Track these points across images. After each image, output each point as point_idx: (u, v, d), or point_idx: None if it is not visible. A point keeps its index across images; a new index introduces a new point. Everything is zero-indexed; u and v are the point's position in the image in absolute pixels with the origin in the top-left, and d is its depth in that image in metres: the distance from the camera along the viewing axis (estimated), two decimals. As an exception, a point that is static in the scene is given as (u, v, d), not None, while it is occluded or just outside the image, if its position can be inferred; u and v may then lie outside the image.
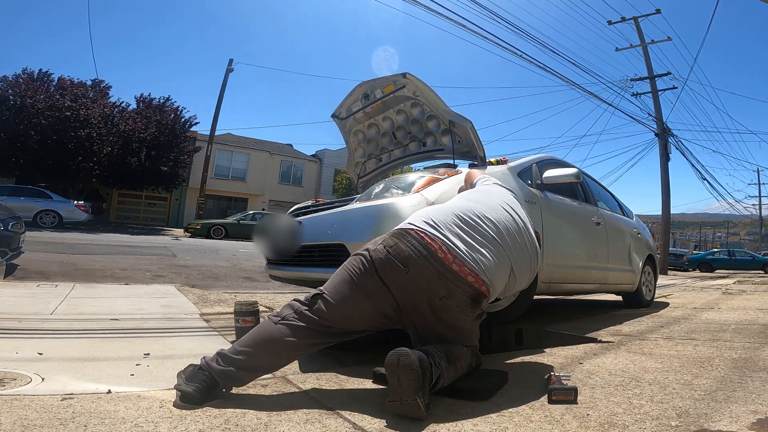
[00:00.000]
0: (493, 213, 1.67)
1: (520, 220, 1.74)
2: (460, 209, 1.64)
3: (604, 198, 4.12)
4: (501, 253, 1.59)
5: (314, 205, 2.79)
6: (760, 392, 1.54)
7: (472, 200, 1.73)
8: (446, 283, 1.45)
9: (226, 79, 18.72)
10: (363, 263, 1.49)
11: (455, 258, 1.47)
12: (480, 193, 1.85)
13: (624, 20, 15.83)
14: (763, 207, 39.97)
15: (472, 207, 1.66)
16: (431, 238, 1.49)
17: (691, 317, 3.67)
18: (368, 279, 1.47)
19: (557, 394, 1.41)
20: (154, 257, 7.15)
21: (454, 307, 1.47)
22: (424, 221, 1.57)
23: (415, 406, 1.21)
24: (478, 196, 1.79)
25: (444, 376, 1.36)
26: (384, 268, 1.46)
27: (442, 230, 1.53)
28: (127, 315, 2.80)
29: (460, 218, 1.59)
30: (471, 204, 1.69)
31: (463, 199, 1.76)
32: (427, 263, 1.45)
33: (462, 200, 1.76)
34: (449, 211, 1.63)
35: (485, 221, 1.61)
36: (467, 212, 1.62)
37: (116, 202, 22.48)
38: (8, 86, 15.62)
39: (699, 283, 9.52)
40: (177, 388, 1.34)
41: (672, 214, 16.78)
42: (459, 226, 1.57)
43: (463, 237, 1.54)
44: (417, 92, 2.98)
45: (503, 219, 1.67)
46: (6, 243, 4.31)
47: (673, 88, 15.94)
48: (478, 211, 1.64)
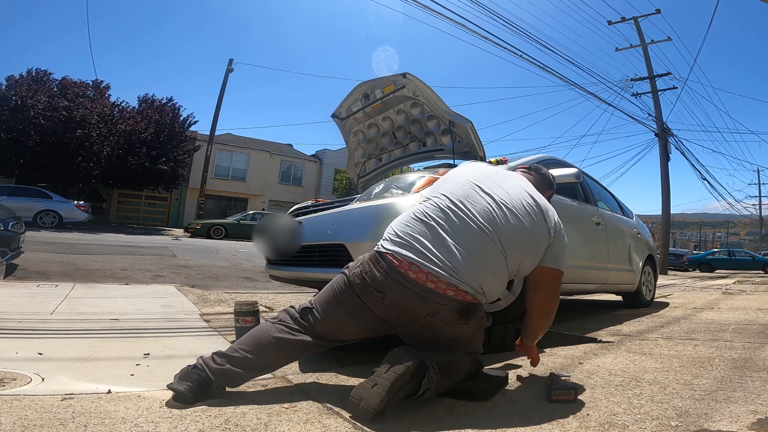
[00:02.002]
0: (464, 200, 1.50)
1: (504, 194, 1.53)
2: (423, 210, 1.50)
3: (604, 198, 4.12)
4: (484, 246, 1.43)
5: (314, 205, 2.79)
6: (760, 392, 1.54)
7: (435, 195, 1.55)
8: (426, 302, 1.38)
9: (226, 79, 18.75)
10: (345, 284, 1.46)
11: (428, 275, 1.37)
12: (445, 182, 1.63)
13: (624, 20, 15.83)
14: (763, 207, 40.03)
15: (438, 202, 1.51)
16: (399, 259, 1.40)
17: (691, 317, 3.67)
18: (351, 300, 1.44)
19: (557, 394, 1.41)
20: (154, 257, 7.15)
21: (441, 323, 1.41)
22: (391, 238, 1.47)
23: (366, 412, 1.21)
24: (443, 187, 1.58)
25: (432, 390, 1.29)
26: (362, 293, 1.43)
27: (408, 244, 1.43)
28: (127, 315, 2.80)
29: (425, 222, 1.47)
30: (435, 200, 1.52)
31: (426, 197, 1.59)
32: (401, 287, 1.38)
33: (425, 198, 1.59)
34: (412, 217, 1.50)
35: (457, 214, 1.46)
36: (431, 212, 1.49)
37: (116, 202, 22.47)
38: (10, 86, 15.62)
39: (699, 283, 9.52)
40: (170, 387, 1.33)
41: (672, 214, 16.78)
42: (426, 233, 1.44)
43: (432, 245, 1.41)
44: (417, 92, 2.98)
45: (478, 201, 1.50)
46: (6, 243, 4.31)
47: (673, 88, 15.97)
48: (445, 204, 1.49)
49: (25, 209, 11.22)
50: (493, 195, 1.52)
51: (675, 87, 16.10)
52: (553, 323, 3.11)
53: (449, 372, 1.38)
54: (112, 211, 22.25)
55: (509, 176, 1.66)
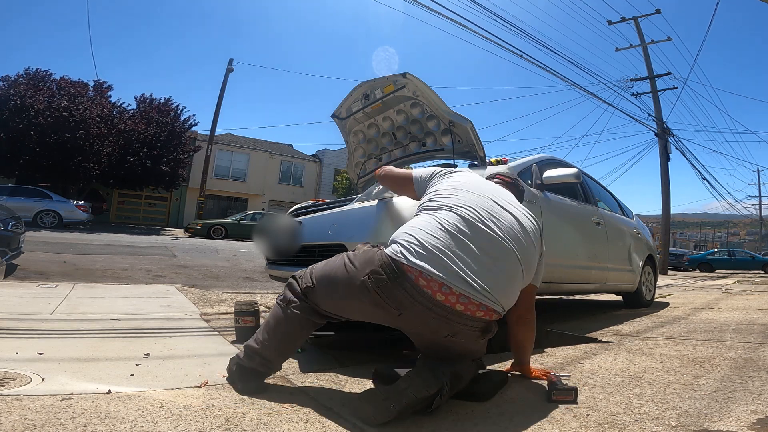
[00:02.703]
0: (492, 215, 1.43)
1: (519, 214, 1.52)
2: (450, 221, 1.38)
3: (604, 198, 4.12)
4: (511, 262, 1.39)
5: (314, 205, 2.79)
6: (760, 392, 1.54)
7: (454, 205, 1.43)
8: (450, 324, 1.30)
9: (226, 79, 18.73)
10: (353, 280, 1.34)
11: (459, 297, 1.27)
12: (463, 190, 1.51)
13: (624, 20, 15.83)
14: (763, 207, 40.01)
15: (464, 214, 1.40)
16: (426, 279, 1.27)
17: (691, 317, 3.67)
18: (357, 297, 1.34)
19: (557, 394, 1.41)
20: (154, 257, 7.15)
21: (461, 342, 1.35)
22: (416, 249, 1.31)
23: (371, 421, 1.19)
24: (465, 197, 1.47)
25: (440, 400, 1.25)
26: (374, 303, 1.32)
27: (437, 259, 1.29)
28: (127, 315, 2.80)
29: (453, 234, 1.34)
30: (461, 211, 1.41)
31: (444, 206, 1.45)
32: (424, 309, 1.28)
33: (443, 206, 1.45)
34: (439, 227, 1.36)
35: (486, 229, 1.38)
36: (459, 224, 1.37)
37: (116, 202, 22.47)
38: (9, 86, 15.62)
39: (699, 283, 9.52)
40: (243, 391, 1.43)
41: (672, 214, 16.78)
42: (455, 247, 1.32)
43: (464, 262, 1.30)
44: (417, 92, 2.98)
45: (504, 217, 1.45)
46: (6, 243, 4.31)
47: (673, 88, 15.97)
48: (473, 217, 1.39)
49: (25, 209, 11.22)
50: (514, 213, 1.50)
51: (675, 87, 16.13)
52: (553, 323, 3.13)
53: (458, 382, 1.34)
54: (112, 211, 22.25)
55: (507, 192, 1.66)
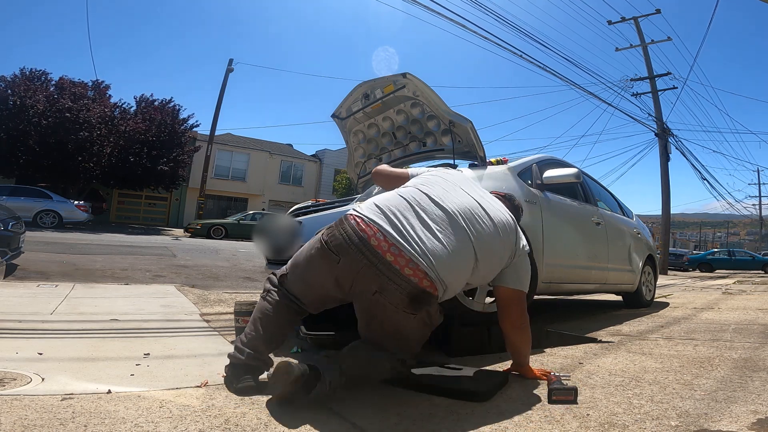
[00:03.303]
0: (450, 194, 1.51)
1: (487, 204, 1.56)
2: (411, 194, 1.48)
3: (604, 198, 4.12)
4: (461, 239, 1.41)
5: (314, 205, 2.79)
6: (760, 392, 1.54)
7: (423, 184, 1.56)
8: (378, 276, 1.31)
9: (226, 79, 18.72)
10: (317, 242, 1.46)
11: (390, 246, 1.32)
12: (432, 176, 1.64)
13: (624, 20, 15.83)
14: (763, 207, 40.02)
15: (427, 191, 1.50)
16: (366, 224, 1.36)
17: (691, 317, 3.67)
18: (316, 260, 1.45)
19: (557, 394, 1.41)
20: (154, 257, 7.15)
21: (388, 305, 1.33)
22: (368, 207, 1.45)
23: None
24: (431, 179, 1.60)
25: (325, 393, 1.29)
26: (323, 256, 1.41)
27: (382, 213, 1.40)
28: (127, 315, 2.80)
29: (409, 202, 1.45)
30: (423, 187, 1.52)
31: (413, 184, 1.58)
32: (357, 252, 1.33)
33: (411, 185, 1.57)
34: (398, 194, 1.49)
35: (441, 203, 1.46)
36: (418, 197, 1.47)
37: (116, 202, 22.46)
38: (7, 86, 15.61)
39: (699, 283, 9.52)
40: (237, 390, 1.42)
41: (672, 214, 16.78)
42: (408, 210, 1.41)
43: (408, 221, 1.38)
44: (417, 92, 2.98)
45: (464, 201, 1.50)
46: (6, 243, 4.31)
47: (673, 88, 15.95)
48: (432, 192, 1.49)
49: (25, 209, 11.21)
50: (479, 201, 1.54)
51: (675, 87, 16.10)
52: (553, 323, 3.13)
53: (362, 367, 1.38)
54: (112, 211, 22.25)
55: (491, 196, 1.70)
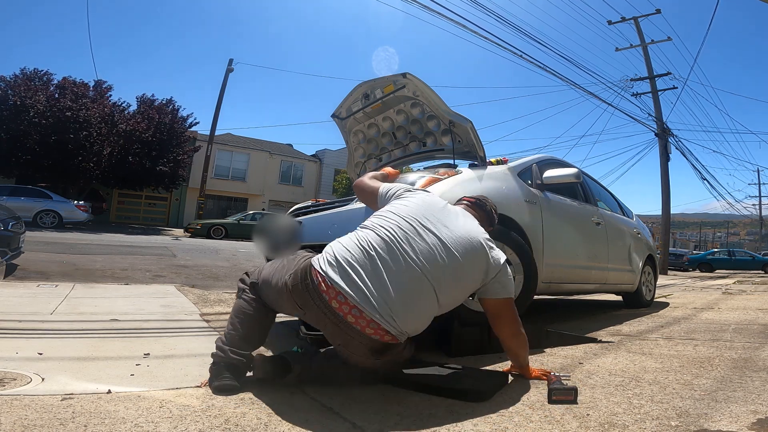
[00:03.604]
0: (411, 237, 1.47)
1: (449, 235, 1.51)
2: (367, 238, 1.46)
3: (604, 198, 4.12)
4: (422, 289, 1.41)
5: (314, 205, 2.79)
6: (760, 392, 1.54)
7: (381, 225, 1.51)
8: (342, 333, 1.38)
9: (226, 79, 18.73)
10: (280, 283, 1.49)
11: (351, 308, 1.35)
12: (392, 211, 1.59)
13: (624, 20, 15.83)
14: (763, 207, 40.03)
15: (382, 234, 1.47)
16: (328, 285, 1.37)
17: (691, 317, 3.67)
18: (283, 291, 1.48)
19: (557, 394, 1.41)
20: (154, 257, 7.14)
21: (352, 354, 1.43)
22: (328, 259, 1.43)
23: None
24: (390, 218, 1.54)
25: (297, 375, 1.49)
26: (288, 299, 1.47)
27: (342, 269, 1.39)
28: (127, 315, 2.80)
29: (366, 250, 1.42)
30: (381, 231, 1.48)
31: (369, 226, 1.54)
32: (321, 312, 1.39)
33: (368, 226, 1.54)
34: (355, 243, 1.46)
35: (400, 249, 1.43)
36: (374, 241, 1.44)
37: (116, 202, 22.46)
38: (7, 86, 15.61)
39: (699, 283, 9.52)
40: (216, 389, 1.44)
41: (672, 214, 16.78)
42: (364, 263, 1.40)
43: (369, 278, 1.37)
44: (417, 92, 2.97)
45: (426, 242, 1.46)
46: (6, 243, 4.31)
47: (673, 88, 15.97)
48: (389, 237, 1.45)
49: (25, 209, 11.22)
50: (438, 234, 1.50)
51: (675, 87, 16.12)
52: (553, 323, 3.13)
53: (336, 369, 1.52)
54: (112, 211, 22.24)
55: (455, 213, 1.64)
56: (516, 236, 2.46)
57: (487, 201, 1.89)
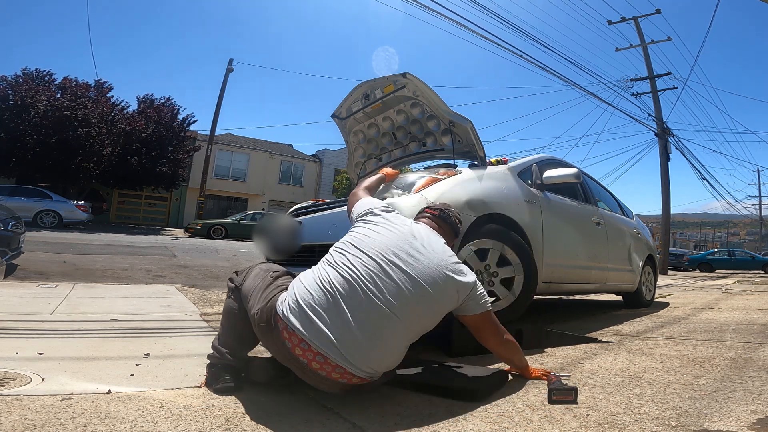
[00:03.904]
0: (373, 273, 1.37)
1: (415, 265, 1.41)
2: (329, 278, 1.36)
3: (604, 198, 4.12)
4: (388, 324, 1.33)
5: (314, 205, 2.79)
6: (760, 392, 1.54)
7: (340, 264, 1.41)
8: (309, 377, 1.34)
9: (226, 79, 18.72)
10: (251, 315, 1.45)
11: (316, 355, 1.28)
12: (352, 246, 1.47)
13: (624, 20, 15.83)
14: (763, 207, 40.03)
15: (344, 273, 1.37)
16: (289, 332, 1.31)
17: (691, 317, 3.67)
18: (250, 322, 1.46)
19: (557, 394, 1.41)
20: (154, 257, 7.14)
21: (324, 392, 1.39)
22: (290, 304, 1.34)
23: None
24: (351, 255, 1.43)
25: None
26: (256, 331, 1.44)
27: (303, 315, 1.31)
28: (127, 315, 2.80)
29: (328, 291, 1.34)
30: (343, 269, 1.38)
31: (332, 262, 1.44)
32: (287, 358, 1.35)
33: (330, 262, 1.44)
34: (317, 284, 1.36)
35: (363, 288, 1.33)
36: (336, 281, 1.35)
37: (116, 202, 22.47)
38: (8, 86, 15.62)
39: (699, 283, 9.52)
40: (217, 390, 1.46)
41: (672, 214, 16.78)
42: (326, 305, 1.31)
43: (330, 320, 1.29)
44: (417, 92, 2.98)
45: (386, 274, 1.37)
46: (6, 243, 4.31)
47: (673, 88, 15.96)
48: (352, 274, 1.36)
49: (25, 209, 11.22)
50: (405, 268, 1.40)
51: (675, 87, 16.11)
52: (553, 323, 3.13)
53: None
54: (112, 211, 22.25)
55: (420, 237, 1.52)
56: (516, 236, 2.46)
57: (451, 211, 1.79)
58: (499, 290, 2.36)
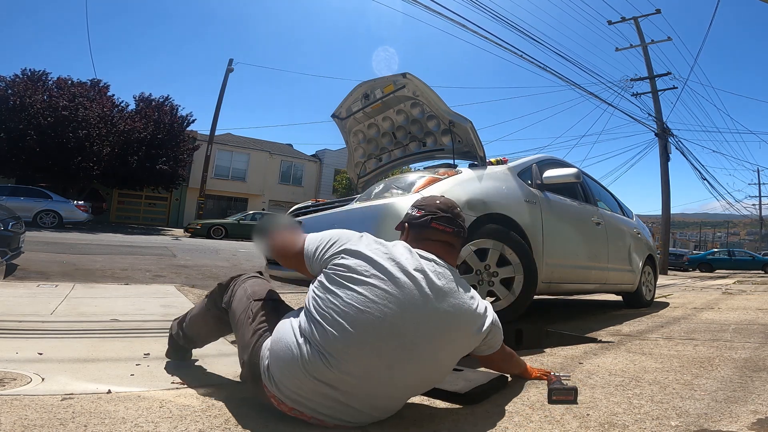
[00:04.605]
0: (366, 365, 1.13)
1: (424, 345, 1.17)
2: (321, 341, 1.12)
3: (604, 198, 4.12)
4: (387, 386, 1.16)
5: (314, 205, 2.79)
6: (760, 392, 1.54)
7: (321, 315, 1.15)
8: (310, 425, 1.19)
9: (226, 79, 18.75)
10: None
11: (311, 418, 1.18)
12: (332, 321, 1.14)
13: (624, 20, 15.84)
14: (763, 207, 40.04)
15: (326, 336, 1.12)
16: (279, 401, 1.19)
17: (691, 317, 3.67)
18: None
19: (557, 394, 1.41)
20: (154, 257, 7.14)
21: None
22: (273, 372, 1.17)
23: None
24: (326, 302, 1.17)
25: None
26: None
27: (287, 392, 1.16)
28: (127, 315, 2.80)
29: (320, 357, 1.12)
30: (319, 323, 1.14)
31: (308, 312, 1.19)
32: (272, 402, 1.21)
33: (308, 311, 1.19)
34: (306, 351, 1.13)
35: (361, 352, 1.11)
36: (330, 343, 1.11)
37: (116, 202, 22.48)
38: (7, 86, 15.62)
39: (699, 283, 9.52)
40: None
41: (672, 214, 16.79)
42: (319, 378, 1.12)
43: (324, 395, 1.14)
44: (417, 92, 2.98)
45: (389, 339, 1.13)
46: (6, 243, 4.31)
47: (673, 88, 15.98)
48: (346, 339, 1.11)
49: (25, 209, 11.23)
50: (415, 355, 1.18)
51: (675, 87, 16.13)
52: (553, 323, 3.13)
53: None
54: (112, 211, 22.25)
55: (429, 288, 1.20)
56: (516, 236, 2.46)
57: (458, 216, 1.43)
58: (499, 290, 2.36)
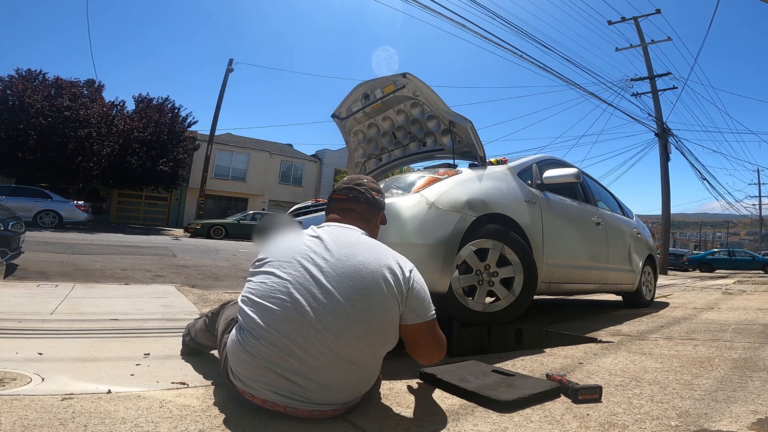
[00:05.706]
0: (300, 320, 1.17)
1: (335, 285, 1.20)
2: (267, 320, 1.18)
3: (604, 198, 4.12)
4: (333, 363, 1.18)
5: (314, 205, 2.79)
6: (760, 392, 1.54)
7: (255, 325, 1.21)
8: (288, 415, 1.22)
9: (226, 79, 18.73)
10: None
11: (286, 407, 1.21)
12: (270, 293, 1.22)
13: (624, 20, 15.84)
14: (763, 207, 40.06)
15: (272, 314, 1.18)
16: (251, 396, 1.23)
17: (691, 317, 3.67)
18: None
19: (583, 394, 1.41)
20: (154, 257, 7.14)
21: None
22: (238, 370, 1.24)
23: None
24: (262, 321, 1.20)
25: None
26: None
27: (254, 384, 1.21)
28: (127, 315, 2.80)
29: (273, 341, 1.17)
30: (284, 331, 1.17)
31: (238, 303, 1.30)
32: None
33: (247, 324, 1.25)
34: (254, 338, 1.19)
35: (304, 334, 1.16)
36: (276, 321, 1.18)
37: (116, 202, 22.47)
38: (6, 86, 15.61)
39: (699, 283, 9.52)
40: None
41: (672, 214, 16.79)
42: (276, 357, 1.18)
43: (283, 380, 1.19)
44: (417, 92, 2.98)
45: (312, 324, 1.17)
46: (6, 243, 4.31)
47: (673, 88, 15.99)
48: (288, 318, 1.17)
49: (25, 209, 11.22)
50: (337, 295, 1.19)
51: (675, 87, 16.16)
52: (553, 323, 3.14)
53: None
54: (112, 211, 22.25)
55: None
56: (516, 236, 2.46)
57: (361, 184, 1.45)
58: (499, 290, 2.36)
